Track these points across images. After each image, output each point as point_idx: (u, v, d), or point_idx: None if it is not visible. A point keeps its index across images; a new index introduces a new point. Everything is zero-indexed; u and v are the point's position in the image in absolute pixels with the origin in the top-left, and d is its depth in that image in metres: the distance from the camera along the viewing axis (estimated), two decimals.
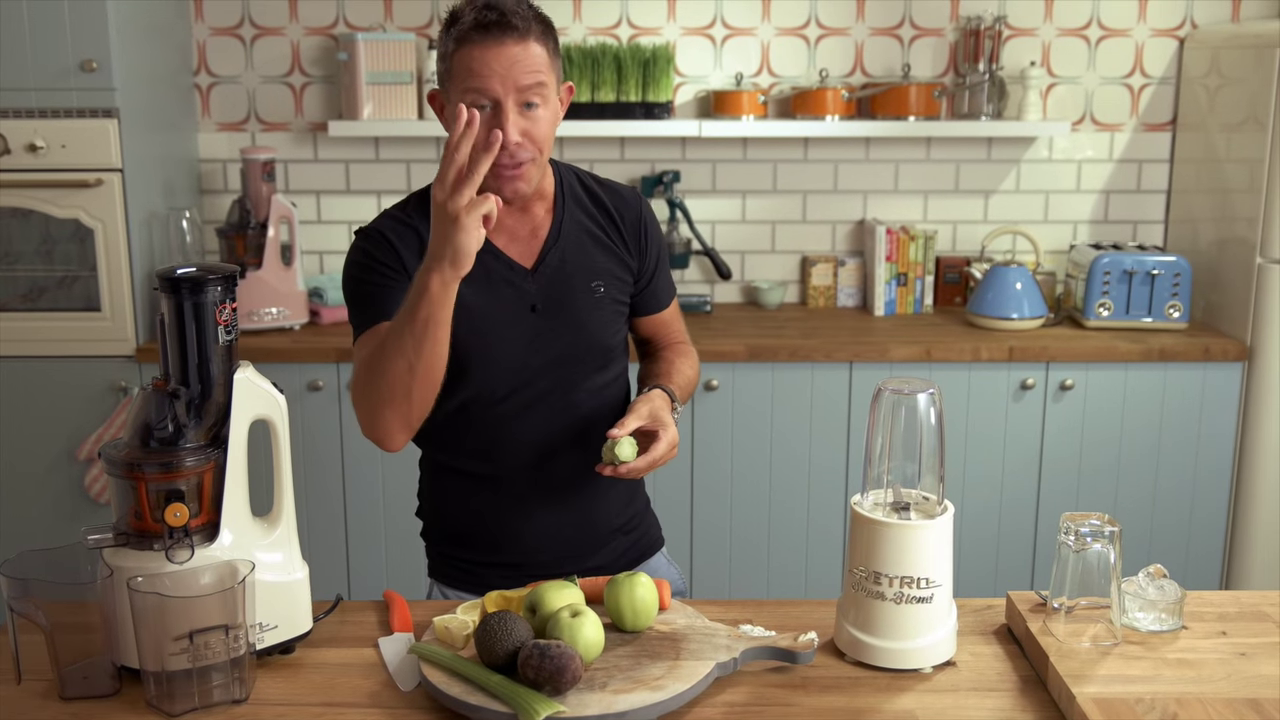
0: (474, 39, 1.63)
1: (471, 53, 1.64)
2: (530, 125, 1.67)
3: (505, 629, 1.39)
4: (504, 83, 1.63)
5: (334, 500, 3.15)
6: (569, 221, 1.81)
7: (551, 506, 1.82)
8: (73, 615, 1.41)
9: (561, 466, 1.81)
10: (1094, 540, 1.46)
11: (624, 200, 1.86)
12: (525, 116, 1.67)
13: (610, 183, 1.89)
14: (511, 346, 1.76)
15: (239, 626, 1.37)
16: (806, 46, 3.49)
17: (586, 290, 1.80)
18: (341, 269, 1.82)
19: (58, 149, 2.99)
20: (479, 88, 1.64)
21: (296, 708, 1.38)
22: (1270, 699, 1.33)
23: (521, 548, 1.83)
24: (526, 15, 1.66)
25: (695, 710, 1.37)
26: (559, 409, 1.80)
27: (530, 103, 1.66)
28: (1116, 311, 3.26)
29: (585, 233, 1.82)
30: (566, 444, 1.80)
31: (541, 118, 1.68)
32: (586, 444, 1.77)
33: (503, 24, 1.63)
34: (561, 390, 1.79)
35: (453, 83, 1.68)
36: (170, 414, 1.41)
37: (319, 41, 3.46)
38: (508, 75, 1.63)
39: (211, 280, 1.41)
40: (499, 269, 1.76)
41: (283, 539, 1.49)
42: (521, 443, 1.79)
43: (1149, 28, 3.48)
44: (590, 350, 1.81)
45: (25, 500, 3.14)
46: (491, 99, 1.64)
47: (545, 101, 1.68)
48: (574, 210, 1.82)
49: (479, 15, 1.64)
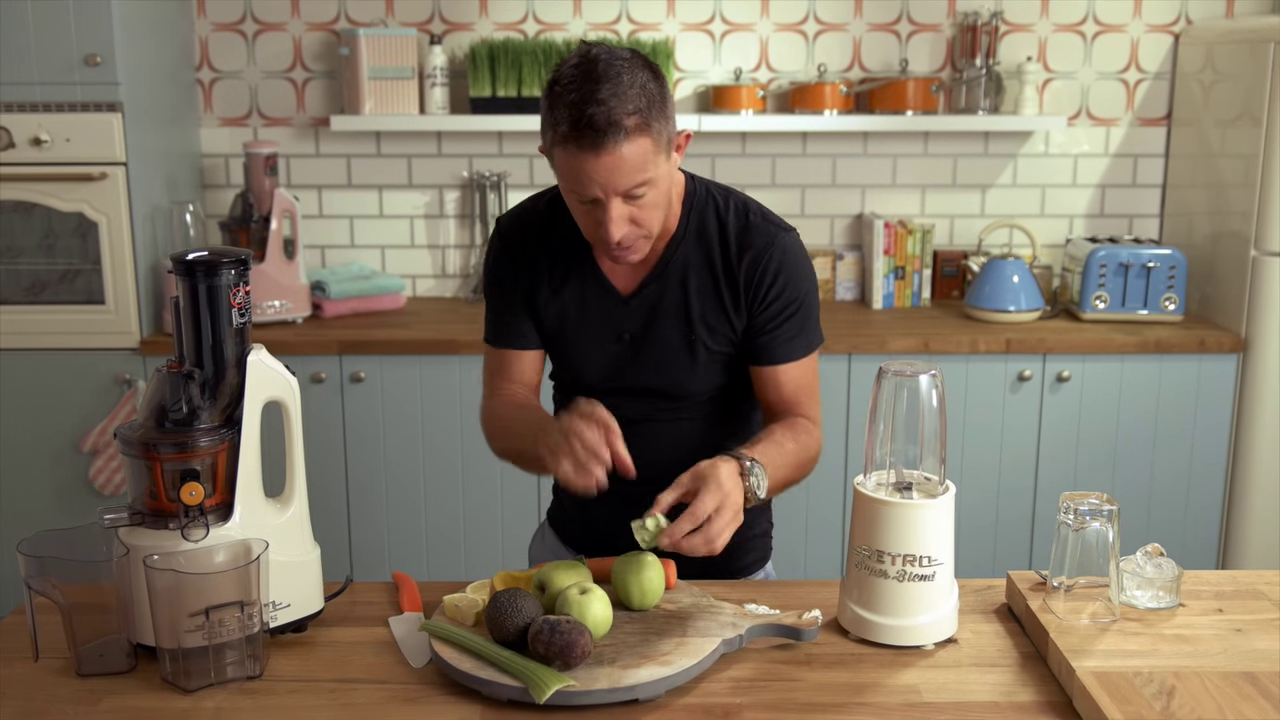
0: (569, 146, 1.55)
1: (568, 159, 1.56)
2: (638, 212, 1.61)
3: (515, 606, 1.41)
4: (604, 188, 1.57)
5: (336, 492, 3.17)
6: (680, 258, 1.73)
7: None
8: (89, 595, 1.43)
9: (641, 492, 1.65)
10: (1093, 519, 1.49)
11: (751, 241, 1.72)
12: (632, 205, 1.60)
13: (758, 218, 1.74)
14: (594, 368, 1.77)
15: (253, 604, 1.39)
16: (805, 42, 3.51)
17: (678, 331, 1.74)
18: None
19: (62, 143, 3.01)
20: (579, 191, 1.59)
21: (310, 683, 1.41)
22: (1265, 672, 1.36)
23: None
24: (621, 113, 1.53)
25: (702, 685, 1.40)
26: (641, 437, 1.64)
27: (635, 195, 1.59)
28: (1112, 304, 3.29)
29: (694, 272, 1.73)
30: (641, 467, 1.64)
31: (650, 202, 1.61)
32: (660, 473, 1.64)
33: (597, 135, 1.52)
34: (645, 421, 1.74)
35: (554, 164, 1.61)
36: (185, 395, 1.43)
37: (321, 37, 3.48)
38: (607, 182, 1.56)
39: (225, 264, 1.43)
40: (596, 290, 1.75)
41: (295, 519, 1.51)
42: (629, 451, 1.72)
43: (1144, 23, 3.51)
44: (674, 390, 1.75)
45: (30, 492, 3.16)
46: (592, 199, 1.59)
47: (653, 186, 1.60)
48: (691, 247, 1.73)
49: (574, 118, 1.53)
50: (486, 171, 3.52)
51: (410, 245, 3.59)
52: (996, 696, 1.38)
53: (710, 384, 1.77)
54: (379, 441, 3.16)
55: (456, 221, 3.58)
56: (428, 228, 3.58)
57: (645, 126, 1.55)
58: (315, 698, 1.38)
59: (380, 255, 3.60)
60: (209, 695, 1.38)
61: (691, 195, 1.76)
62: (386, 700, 1.37)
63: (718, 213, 1.75)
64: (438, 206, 3.57)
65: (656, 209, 1.63)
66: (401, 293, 3.46)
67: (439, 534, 3.22)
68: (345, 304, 3.34)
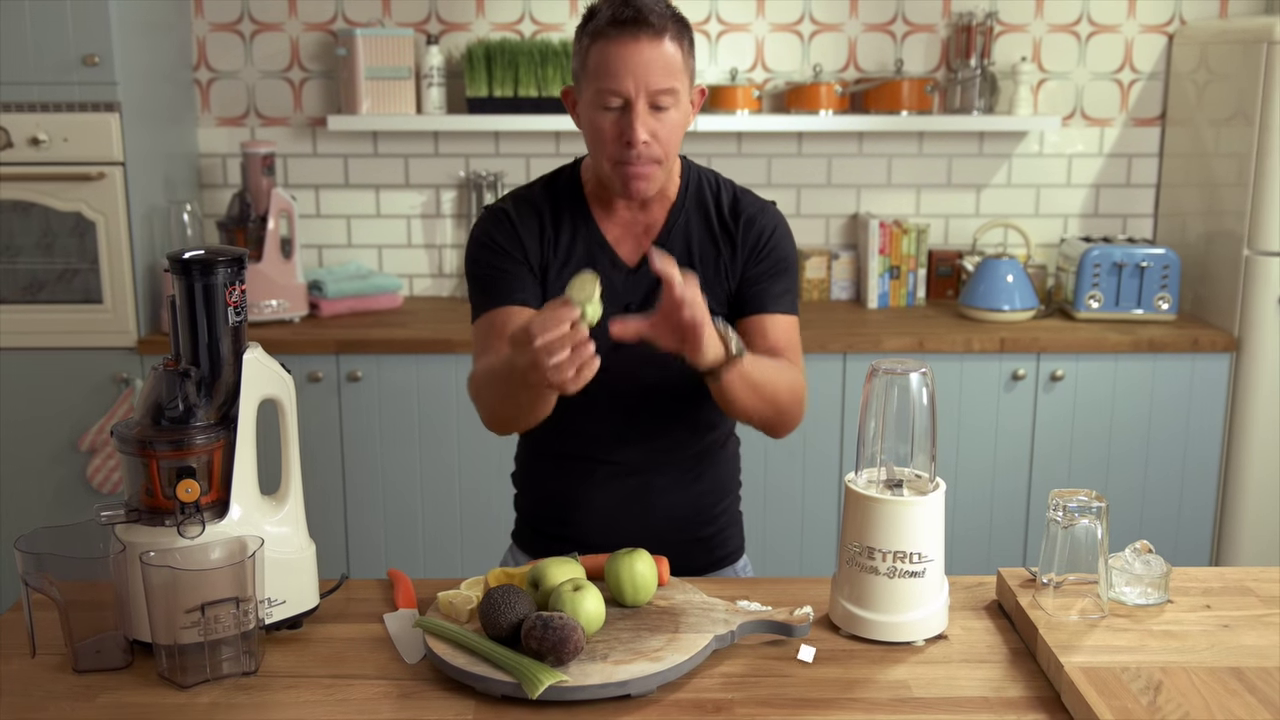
0: (609, 34, 1.64)
1: (607, 49, 1.64)
2: (659, 127, 1.66)
3: (509, 602, 1.42)
4: (636, 82, 1.63)
5: (334, 489, 3.19)
6: (682, 224, 1.79)
7: (619, 496, 1.83)
8: (85, 592, 1.44)
9: (631, 456, 1.81)
10: (1081, 516, 1.50)
11: (744, 206, 1.81)
12: (655, 117, 1.66)
13: (745, 192, 1.84)
14: (598, 338, 1.77)
15: (249, 600, 1.40)
16: (800, 42, 3.53)
17: None
18: (466, 247, 1.84)
19: (60, 142, 3.02)
20: (611, 87, 1.64)
21: (306, 679, 1.42)
22: (1252, 668, 1.37)
23: (587, 531, 1.82)
24: (664, 14, 1.65)
25: (694, 681, 1.41)
26: (635, 403, 1.78)
27: (660, 105, 1.66)
28: (1106, 303, 3.31)
29: (697, 240, 1.78)
30: (636, 436, 1.81)
31: (671, 120, 1.67)
32: (655, 439, 1.80)
33: (639, 21, 1.62)
34: (640, 388, 1.78)
35: (586, 80, 1.68)
36: (181, 393, 1.44)
37: (318, 37, 3.49)
38: (641, 75, 1.63)
39: (221, 262, 1.44)
40: (604, 262, 1.76)
41: (291, 516, 1.52)
42: (594, 430, 1.80)
43: (1138, 23, 3.52)
44: (671, 358, 1.75)
45: (28, 491, 3.17)
46: (623, 97, 1.64)
47: (676, 104, 1.67)
48: (693, 215, 1.79)
49: (616, 11, 1.64)
50: (483, 171, 3.53)
51: (407, 245, 3.60)
52: (986, 692, 1.39)
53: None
54: (376, 440, 3.17)
55: (453, 221, 3.59)
56: (424, 227, 3.59)
57: (679, 37, 1.66)
58: (310, 693, 1.39)
59: (377, 255, 3.61)
60: (205, 691, 1.39)
61: (688, 168, 1.84)
62: (381, 696, 1.38)
63: (711, 184, 1.83)
64: (434, 206, 3.58)
65: (674, 132, 1.69)
66: (398, 292, 3.47)
67: (435, 531, 3.23)
68: (342, 303, 3.35)
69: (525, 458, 1.95)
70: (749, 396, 1.65)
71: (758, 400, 1.67)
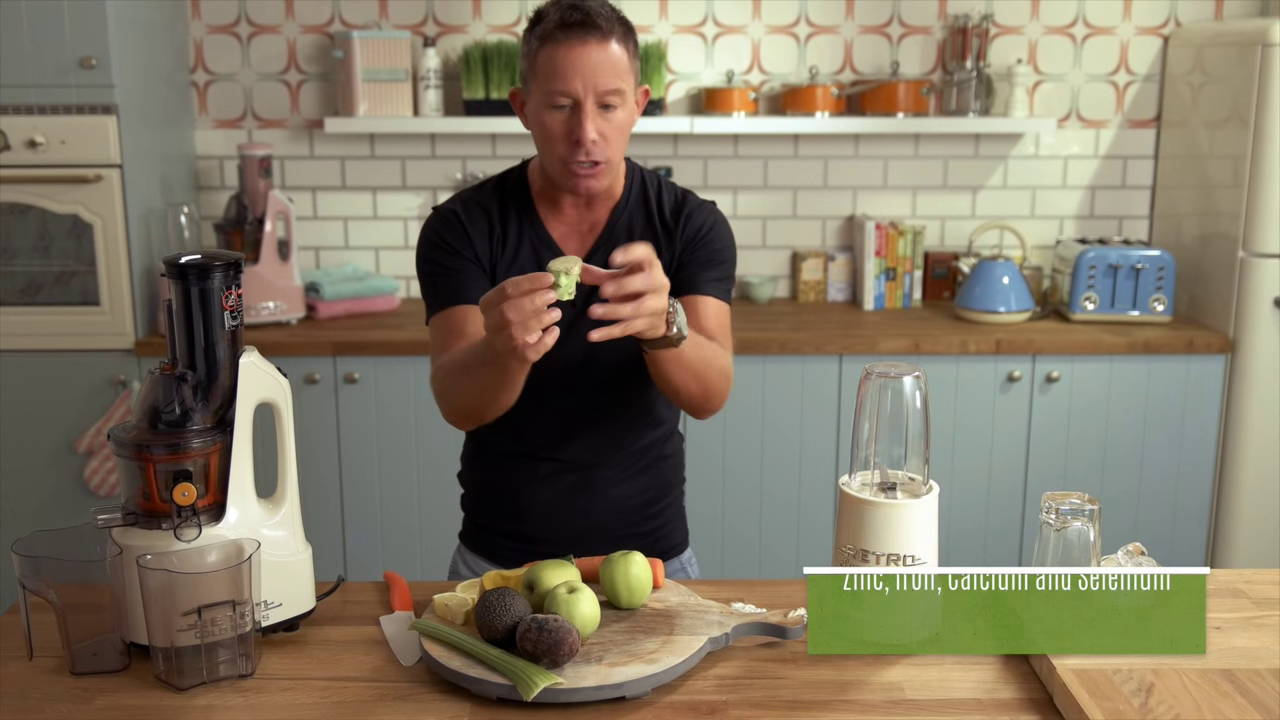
0: (558, 38, 1.68)
1: (555, 52, 1.69)
2: (606, 126, 1.72)
3: (504, 604, 1.43)
4: (584, 83, 1.68)
5: (330, 492, 3.19)
6: (624, 223, 1.84)
7: (564, 490, 1.88)
8: (82, 595, 1.45)
9: (577, 452, 1.86)
10: (1074, 518, 1.51)
11: (684, 202, 1.86)
12: (602, 117, 1.71)
13: (688, 193, 1.89)
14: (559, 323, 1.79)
15: (245, 603, 1.41)
16: (796, 44, 3.53)
17: None
18: (416, 247, 1.90)
19: (57, 145, 3.03)
20: (560, 88, 1.69)
21: (302, 681, 1.43)
22: (1243, 669, 1.38)
23: (532, 526, 1.90)
24: (610, 17, 1.70)
25: (689, 683, 1.42)
26: (582, 398, 1.84)
27: (608, 104, 1.71)
28: (1102, 305, 3.32)
29: (639, 237, 1.81)
30: (583, 431, 1.86)
31: (618, 120, 1.73)
32: (601, 434, 1.85)
33: (586, 24, 1.68)
34: (585, 382, 1.83)
35: (535, 81, 1.73)
36: (177, 397, 1.45)
37: (315, 39, 3.50)
38: (589, 76, 1.68)
39: (217, 267, 1.45)
40: (548, 257, 1.78)
41: (287, 519, 1.53)
42: (542, 426, 1.85)
43: (1134, 26, 3.53)
44: (618, 349, 1.78)
45: (25, 492, 3.18)
46: (571, 98, 1.70)
47: (623, 104, 1.73)
48: (635, 212, 1.85)
49: (564, 15, 1.69)
50: (480, 173, 3.54)
51: (404, 247, 3.60)
52: (979, 694, 1.40)
53: None
54: (373, 442, 3.18)
55: None
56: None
57: (625, 39, 1.72)
58: (306, 695, 1.39)
59: (374, 257, 3.62)
60: (201, 693, 1.40)
61: (632, 169, 1.89)
62: (377, 698, 1.39)
63: (654, 184, 1.88)
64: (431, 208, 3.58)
65: (621, 131, 1.74)
66: (395, 294, 3.48)
67: (432, 534, 3.23)
68: (339, 305, 3.35)
69: (471, 456, 2.01)
70: (683, 374, 1.70)
71: (690, 379, 1.72)
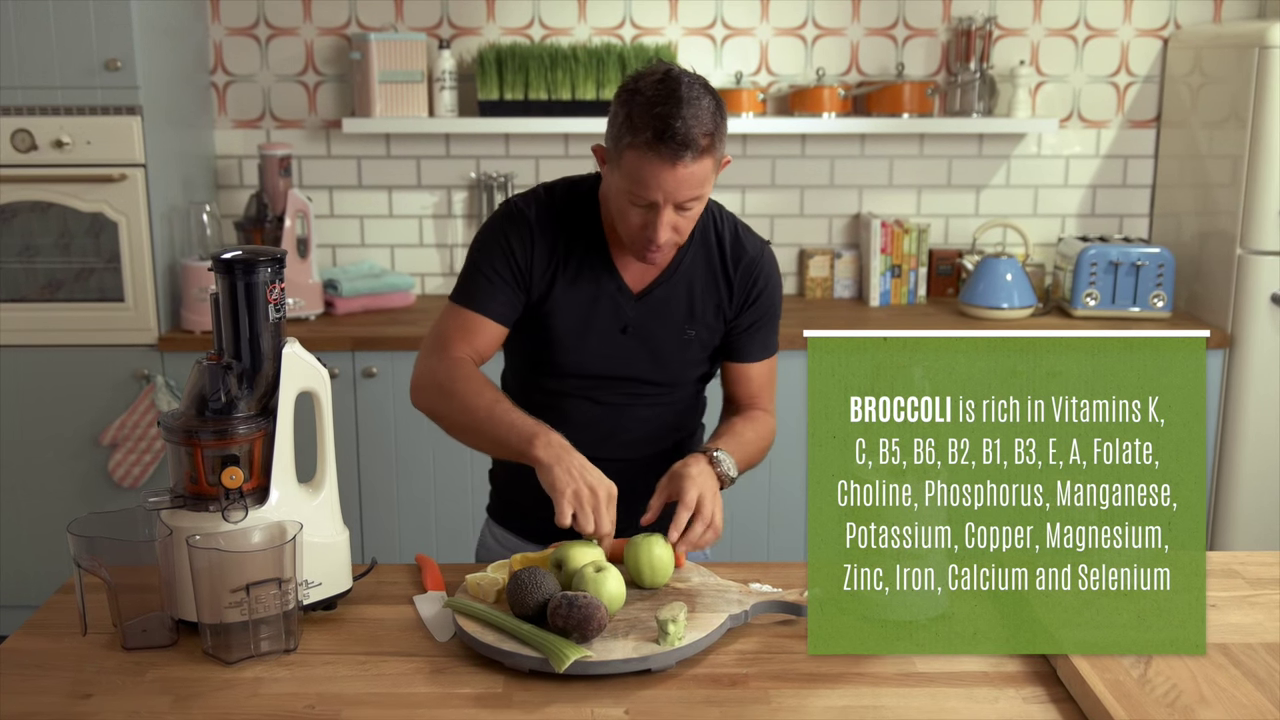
0: (646, 154, 1.65)
1: (643, 161, 1.66)
2: (681, 221, 1.73)
3: (535, 582, 1.50)
4: (666, 195, 1.68)
5: (349, 483, 3.26)
6: (688, 263, 1.86)
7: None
8: (131, 575, 1.52)
9: (614, 450, 1.87)
10: None
11: (745, 249, 1.88)
12: (679, 214, 1.72)
13: (745, 230, 1.92)
14: (593, 357, 1.85)
15: (289, 581, 1.48)
16: (804, 46, 3.60)
17: (678, 330, 1.86)
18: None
19: (83, 145, 3.10)
20: (641, 194, 1.68)
21: (343, 656, 1.50)
22: (1237, 644, 1.46)
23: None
24: (707, 128, 1.65)
25: (710, 657, 1.49)
26: (621, 416, 1.90)
27: (686, 207, 1.71)
28: (1103, 301, 3.39)
29: (699, 277, 1.86)
30: (624, 433, 1.90)
31: (693, 214, 1.73)
32: (639, 435, 1.91)
33: (682, 145, 1.63)
34: (628, 403, 1.89)
35: (619, 169, 1.70)
36: (224, 386, 1.52)
37: (332, 41, 3.57)
38: (671, 190, 1.67)
39: (262, 262, 1.53)
40: (609, 286, 1.84)
41: (326, 502, 1.60)
42: (585, 424, 1.86)
43: (1134, 28, 3.60)
44: (664, 378, 1.90)
45: (50, 485, 3.25)
46: (649, 204, 1.70)
47: (702, 201, 1.73)
48: (698, 252, 1.86)
49: (659, 129, 1.63)
50: (494, 173, 3.61)
51: (419, 244, 3.68)
52: (985, 667, 1.47)
53: (696, 372, 1.94)
54: (390, 435, 3.25)
55: (464, 221, 3.67)
56: (436, 227, 3.67)
57: (712, 149, 1.68)
58: (348, 669, 1.47)
59: (390, 254, 3.69)
60: (248, 666, 1.47)
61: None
62: (414, 671, 1.46)
63: (715, 222, 1.90)
64: (446, 207, 3.66)
65: (696, 219, 1.76)
66: (411, 290, 3.55)
67: (449, 523, 3.31)
68: (356, 301, 3.43)
69: None
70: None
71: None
